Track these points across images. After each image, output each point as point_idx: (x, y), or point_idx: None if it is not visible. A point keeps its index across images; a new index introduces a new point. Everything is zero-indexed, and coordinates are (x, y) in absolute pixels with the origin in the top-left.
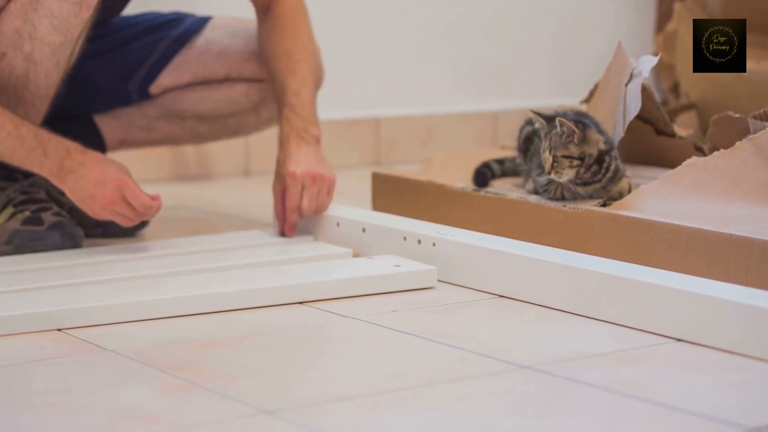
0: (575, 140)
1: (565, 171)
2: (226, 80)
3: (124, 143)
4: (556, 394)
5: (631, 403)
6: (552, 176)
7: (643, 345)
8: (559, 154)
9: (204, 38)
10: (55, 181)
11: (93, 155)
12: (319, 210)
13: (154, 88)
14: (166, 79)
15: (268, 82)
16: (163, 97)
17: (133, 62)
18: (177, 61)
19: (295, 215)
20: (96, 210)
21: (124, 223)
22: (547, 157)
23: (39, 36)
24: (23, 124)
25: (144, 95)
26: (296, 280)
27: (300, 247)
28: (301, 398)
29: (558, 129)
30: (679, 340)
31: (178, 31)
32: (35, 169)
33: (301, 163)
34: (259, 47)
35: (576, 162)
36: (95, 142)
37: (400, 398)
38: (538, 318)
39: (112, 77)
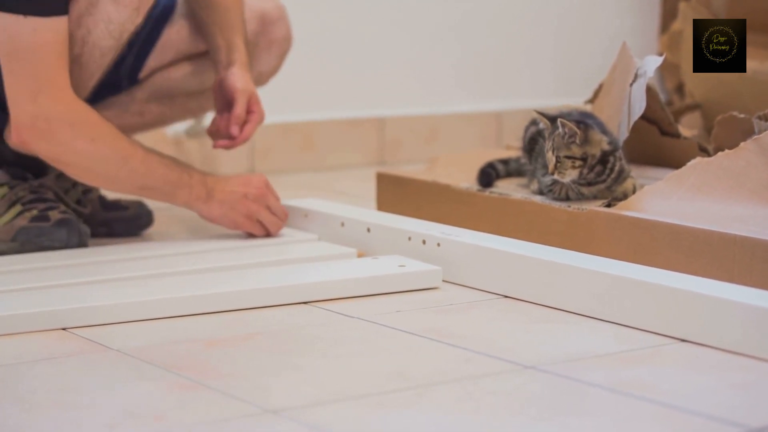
0: (577, 141)
1: (568, 171)
2: (207, 52)
3: (121, 130)
4: (561, 394)
5: (635, 404)
6: (555, 176)
7: (648, 345)
8: (561, 154)
9: (179, 13)
10: (200, 203)
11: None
12: (248, 136)
13: (143, 73)
14: (152, 61)
15: (247, 46)
16: (150, 80)
17: (121, 50)
18: (161, 42)
19: (236, 129)
20: (242, 212)
21: (261, 231)
22: (550, 158)
23: (92, 40)
24: (155, 151)
25: (133, 81)
26: (301, 280)
27: (304, 246)
28: (306, 398)
29: (560, 129)
30: (683, 340)
31: (158, 9)
32: (184, 192)
33: (250, 85)
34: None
35: (578, 162)
36: None
37: (404, 398)
38: (542, 318)
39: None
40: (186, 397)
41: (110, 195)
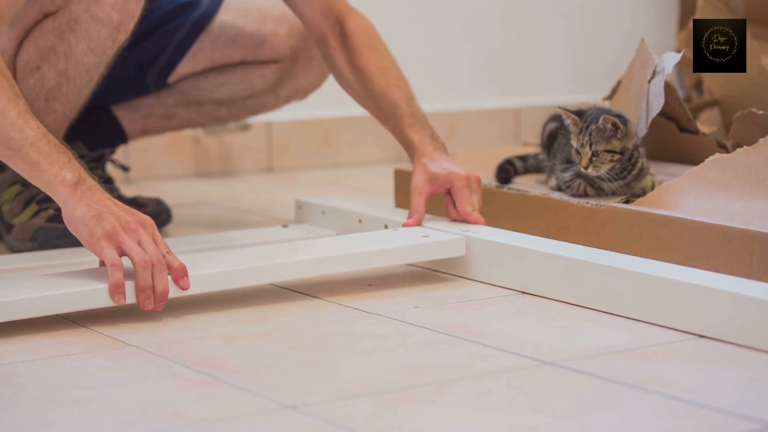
0: (619, 135)
1: (604, 165)
2: (242, 64)
3: (145, 133)
4: (580, 390)
5: (654, 400)
6: (589, 170)
7: (666, 342)
8: (600, 148)
9: (218, 22)
10: (66, 190)
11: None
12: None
13: (172, 77)
14: (183, 67)
15: (285, 62)
16: (180, 85)
17: (151, 53)
18: (194, 49)
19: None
20: (106, 228)
21: (115, 262)
22: (586, 152)
23: (75, 56)
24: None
25: (162, 85)
26: (327, 253)
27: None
28: (325, 393)
29: (600, 124)
30: (702, 336)
31: (196, 15)
32: (52, 169)
33: (458, 165)
34: (339, 68)
35: (617, 156)
36: (116, 133)
37: (423, 394)
38: (561, 315)
39: (131, 69)
40: (204, 393)
41: (128, 193)
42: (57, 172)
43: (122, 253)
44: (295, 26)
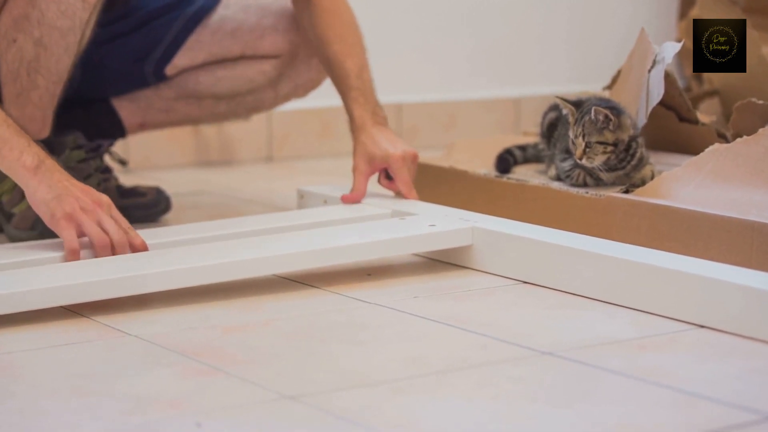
0: (611, 126)
1: (598, 156)
2: (242, 58)
3: (144, 126)
4: (579, 380)
5: (652, 390)
6: (583, 162)
7: (665, 332)
8: (593, 140)
9: (218, 15)
10: (27, 173)
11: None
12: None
13: (170, 69)
14: (181, 59)
15: (284, 58)
16: (179, 78)
17: (148, 44)
18: (191, 41)
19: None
20: (65, 208)
21: (73, 242)
22: (579, 143)
23: (47, 21)
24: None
25: (160, 77)
26: (333, 243)
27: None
28: (323, 383)
29: (593, 116)
30: (701, 326)
31: (194, 8)
32: (13, 153)
33: (396, 145)
34: (305, 32)
35: (610, 148)
36: (115, 126)
37: (421, 384)
38: (560, 304)
39: (128, 60)
40: (203, 383)
41: (127, 182)
42: (17, 157)
43: (81, 234)
44: (295, 21)
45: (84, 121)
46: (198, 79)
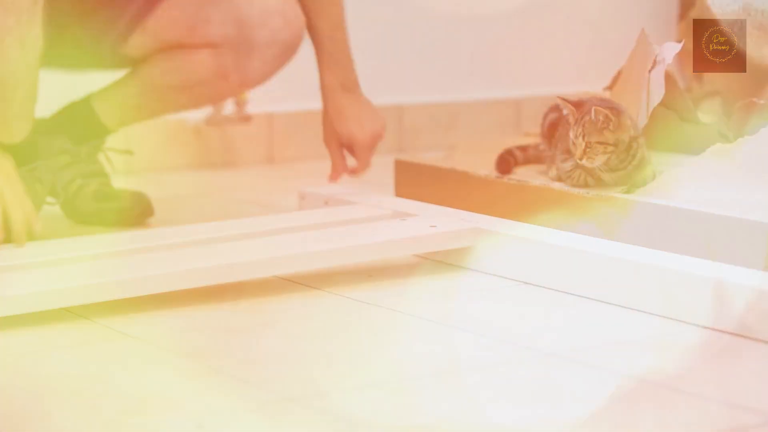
0: (611, 127)
1: (598, 157)
2: (183, 46)
3: (123, 123)
4: (581, 381)
5: (657, 391)
6: (584, 162)
7: (669, 332)
8: (593, 140)
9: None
10: None
11: None
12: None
13: (129, 50)
14: (137, 45)
15: (224, 48)
16: (140, 71)
17: (103, 24)
18: (143, 25)
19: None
20: None
21: None
22: (579, 143)
23: None
24: None
25: (119, 59)
26: (336, 244)
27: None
28: (325, 385)
29: (593, 116)
30: (706, 328)
31: None
32: None
33: (363, 124)
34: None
35: (610, 148)
36: (97, 127)
37: (424, 385)
38: (563, 305)
39: (87, 38)
40: (204, 384)
41: (127, 184)
42: None
43: None
44: (233, 14)
45: (67, 125)
46: (152, 71)
